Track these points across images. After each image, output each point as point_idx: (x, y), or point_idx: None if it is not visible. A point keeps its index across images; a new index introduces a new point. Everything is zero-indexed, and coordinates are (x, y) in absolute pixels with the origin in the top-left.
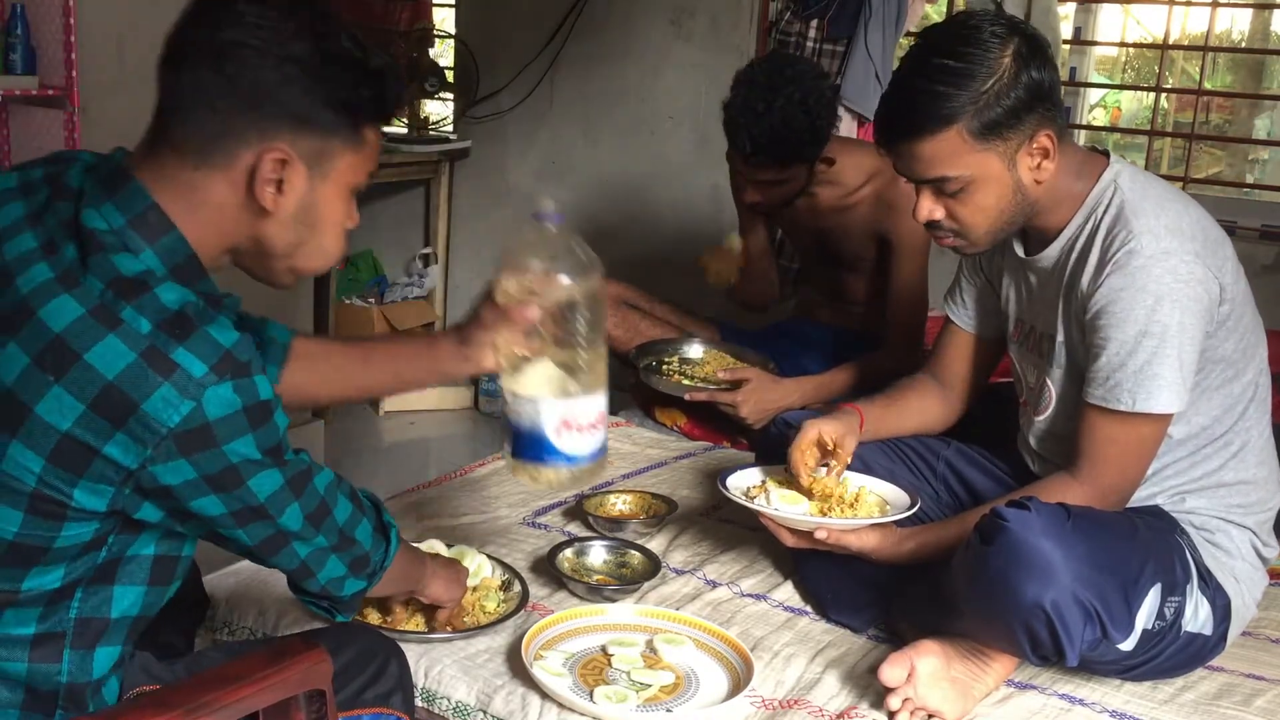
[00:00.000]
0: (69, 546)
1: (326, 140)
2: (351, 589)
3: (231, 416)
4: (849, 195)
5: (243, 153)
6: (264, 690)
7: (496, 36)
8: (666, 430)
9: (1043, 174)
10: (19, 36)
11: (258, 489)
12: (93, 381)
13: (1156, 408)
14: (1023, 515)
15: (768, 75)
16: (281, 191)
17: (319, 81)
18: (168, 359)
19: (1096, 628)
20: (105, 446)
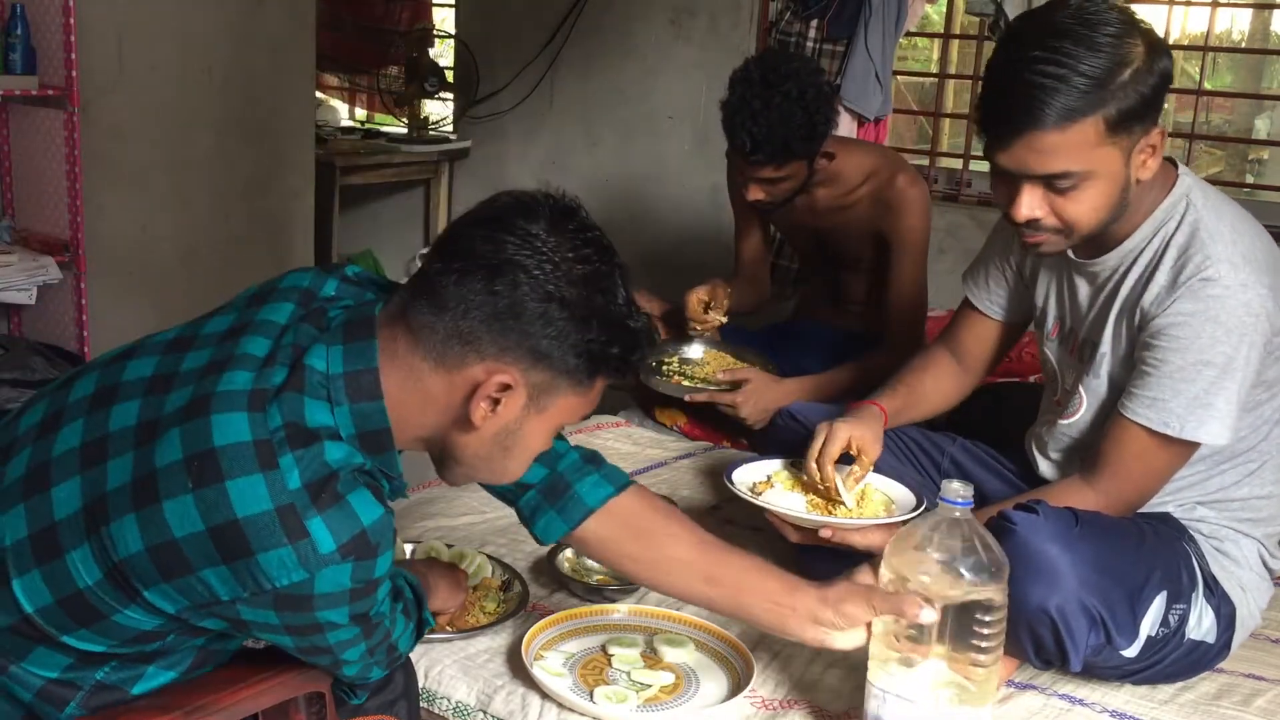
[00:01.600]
0: (126, 627)
1: (557, 379)
2: (377, 675)
3: (337, 594)
4: (847, 195)
5: (474, 364)
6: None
7: (496, 36)
8: (666, 430)
9: (1146, 171)
10: (19, 36)
11: (333, 639)
12: (222, 511)
13: (1205, 437)
14: (1030, 519)
15: (764, 73)
16: (495, 412)
17: (578, 329)
18: (301, 525)
19: (1101, 634)
20: (204, 571)
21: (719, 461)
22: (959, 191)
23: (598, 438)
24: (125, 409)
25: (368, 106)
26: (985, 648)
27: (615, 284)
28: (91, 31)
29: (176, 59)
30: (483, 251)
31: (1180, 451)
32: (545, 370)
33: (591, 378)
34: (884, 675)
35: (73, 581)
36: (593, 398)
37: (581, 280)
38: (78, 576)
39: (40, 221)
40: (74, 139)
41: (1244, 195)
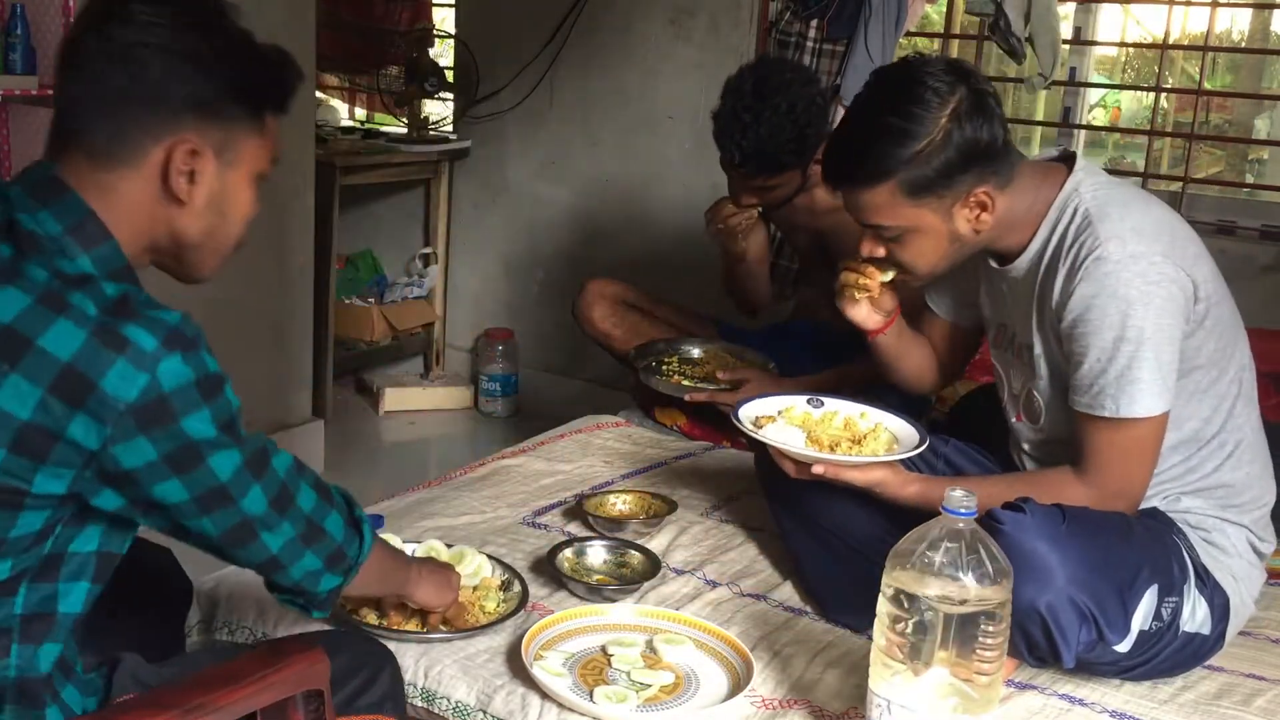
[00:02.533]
0: (21, 538)
1: (230, 129)
2: (327, 585)
3: (185, 389)
4: None
5: (152, 148)
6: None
7: (496, 36)
8: (666, 430)
9: (981, 225)
10: (19, 36)
11: (218, 469)
12: (49, 366)
13: (1139, 411)
14: (1018, 518)
15: (755, 85)
16: (195, 182)
17: (217, 71)
18: (119, 335)
19: (1092, 630)
20: (67, 430)
21: (719, 461)
22: None
23: (598, 438)
24: None
25: (368, 106)
26: (988, 656)
27: (226, 21)
28: None
29: None
30: (95, 46)
31: (1140, 431)
32: (215, 125)
33: (258, 116)
34: (886, 683)
35: None
36: (273, 138)
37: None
38: None
39: None
40: None
41: (1244, 195)
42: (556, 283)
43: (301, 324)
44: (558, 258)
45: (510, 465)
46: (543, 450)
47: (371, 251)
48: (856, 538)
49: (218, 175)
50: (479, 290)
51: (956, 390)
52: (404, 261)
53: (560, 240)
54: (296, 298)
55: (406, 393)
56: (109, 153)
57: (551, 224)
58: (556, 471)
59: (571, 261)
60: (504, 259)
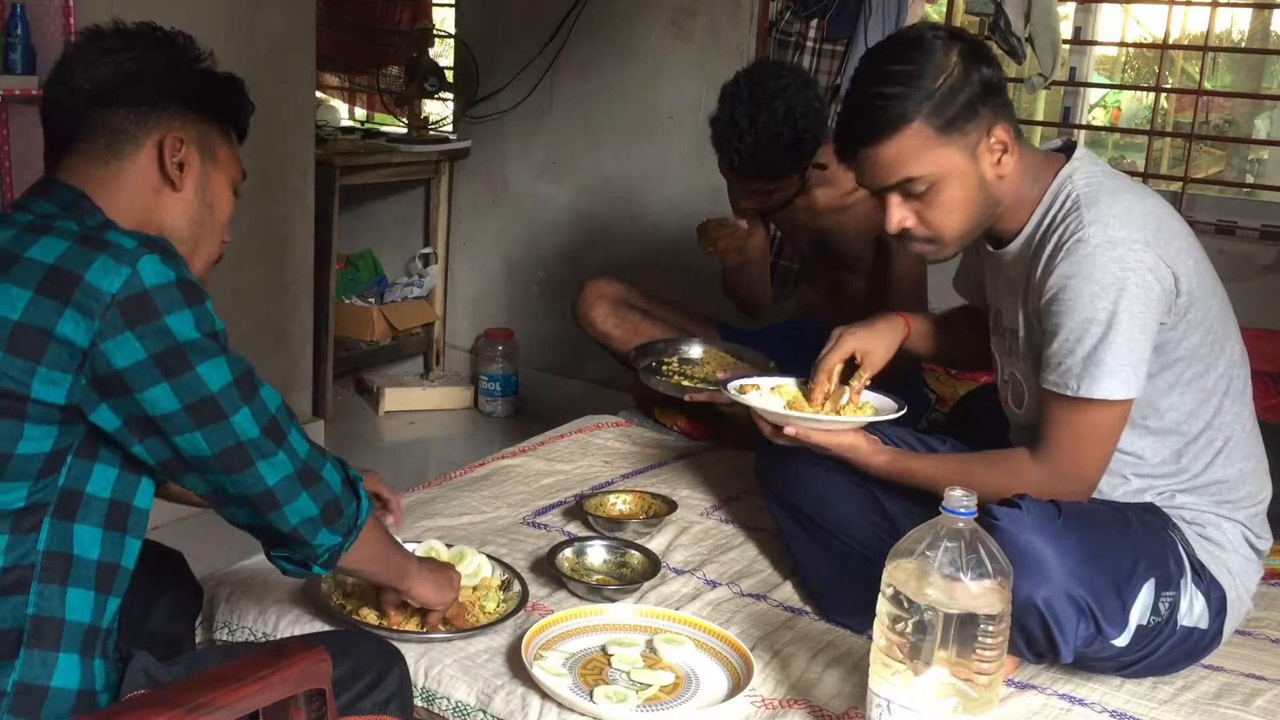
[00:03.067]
0: (31, 455)
1: (207, 130)
2: (326, 540)
3: (166, 287)
4: (846, 195)
5: (146, 140)
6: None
7: (496, 36)
8: (666, 430)
9: (1004, 169)
10: (19, 36)
11: (206, 377)
12: (35, 270)
13: (1099, 393)
14: (1014, 514)
15: (752, 89)
16: (184, 171)
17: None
18: (101, 239)
19: (1090, 624)
20: (57, 325)
21: (719, 461)
22: None
23: (598, 438)
24: None
25: (368, 106)
26: (988, 656)
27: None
28: None
29: None
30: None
31: (1099, 414)
32: (194, 123)
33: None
34: (886, 683)
35: None
36: (237, 154)
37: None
38: None
39: None
40: None
41: (1244, 195)
42: (556, 283)
43: (301, 324)
44: (558, 258)
45: (510, 465)
46: (543, 450)
47: (371, 251)
48: (856, 538)
49: (202, 168)
50: (479, 290)
51: (956, 390)
52: (404, 261)
53: (560, 240)
54: (296, 298)
55: (406, 393)
56: (108, 148)
57: (551, 224)
58: (556, 471)
59: (571, 262)
60: (504, 259)
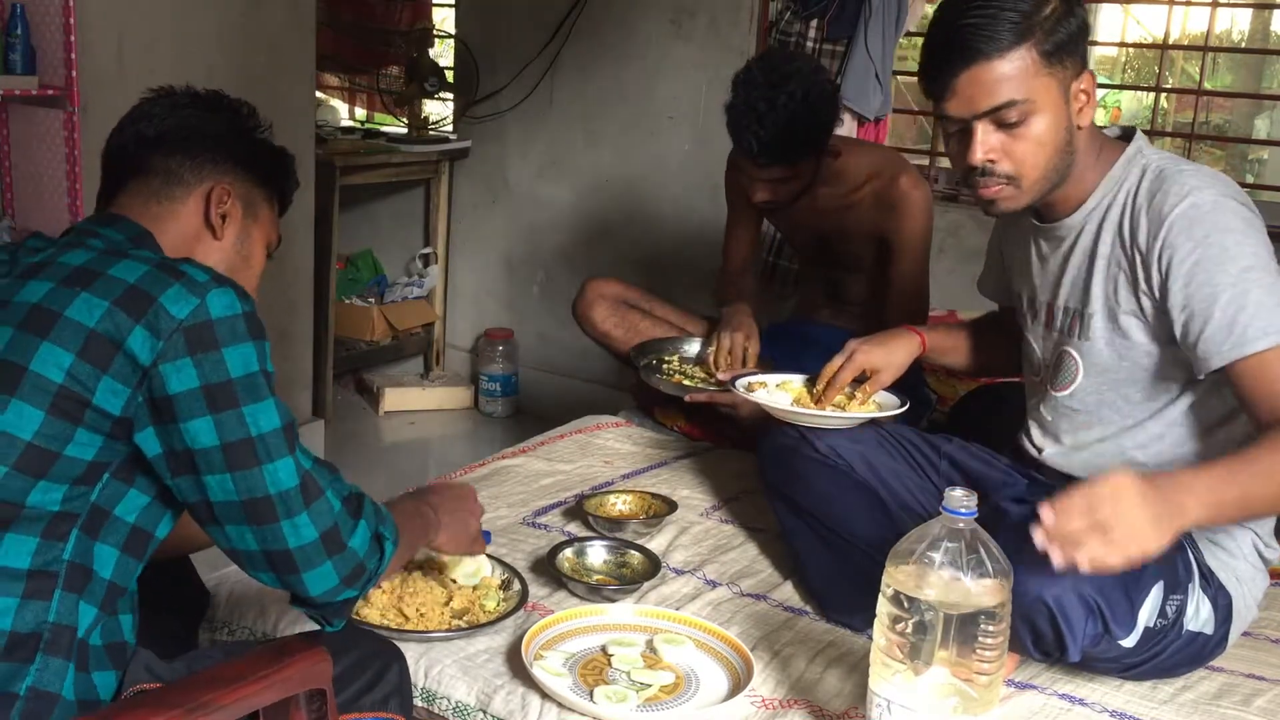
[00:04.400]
0: (74, 460)
1: (253, 190)
2: (345, 595)
3: (231, 319)
4: (849, 194)
5: (197, 187)
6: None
7: (496, 36)
8: (666, 430)
9: (1084, 119)
10: (19, 36)
11: (249, 418)
12: (116, 286)
13: None
14: (1025, 511)
15: (766, 74)
16: (227, 222)
17: (250, 142)
18: (176, 269)
19: (1099, 623)
20: (128, 339)
21: (719, 461)
22: (959, 191)
23: (598, 438)
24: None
25: (368, 106)
26: (988, 656)
27: (256, 117)
28: (91, 31)
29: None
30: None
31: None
32: (243, 181)
33: (270, 189)
34: (886, 683)
35: (16, 440)
36: (276, 219)
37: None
38: (19, 431)
39: (40, 221)
40: (74, 139)
41: None
42: (556, 283)
43: (302, 324)
44: (558, 258)
45: (510, 465)
46: (543, 450)
47: (371, 251)
48: (858, 535)
49: (244, 223)
50: (479, 290)
51: (956, 390)
52: (404, 261)
53: (560, 240)
54: (296, 298)
55: (406, 393)
56: (161, 188)
57: (552, 224)
58: (556, 471)
59: (571, 261)
60: (504, 259)
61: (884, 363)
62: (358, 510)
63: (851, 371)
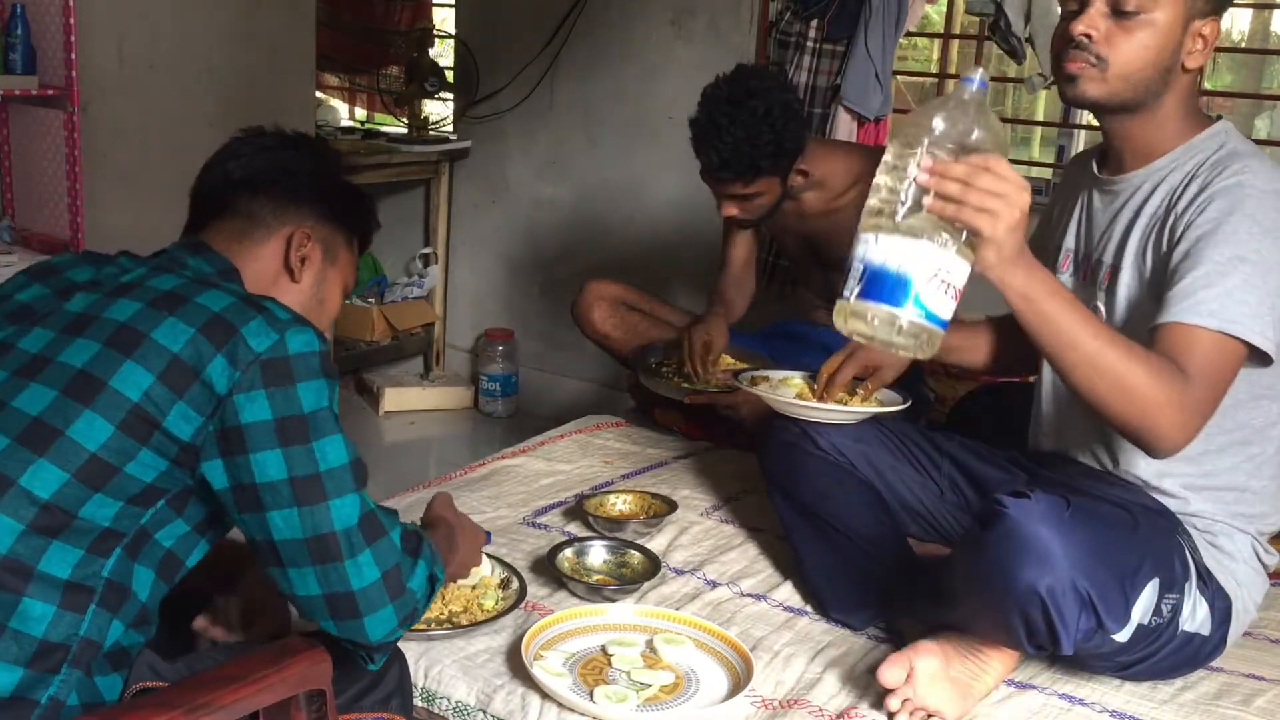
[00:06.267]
0: (134, 479)
1: (334, 235)
2: (394, 636)
3: (307, 356)
4: (836, 198)
5: (279, 230)
6: (264, 690)
7: (496, 36)
8: (666, 431)
9: (1192, 60)
10: (19, 36)
11: (319, 452)
12: (202, 313)
13: (1238, 330)
14: (1022, 503)
15: (731, 90)
16: (306, 265)
17: (334, 187)
18: (259, 304)
19: (1092, 617)
20: (207, 367)
21: (719, 461)
22: None
23: (598, 438)
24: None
25: (368, 106)
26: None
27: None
28: (91, 31)
29: (176, 59)
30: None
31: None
32: (324, 226)
33: (350, 233)
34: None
35: (81, 449)
36: (355, 260)
37: (322, 153)
38: (86, 442)
39: (40, 221)
40: (74, 139)
41: None
42: (556, 283)
43: None
44: (558, 258)
45: (510, 465)
46: (543, 450)
47: (371, 251)
48: (858, 533)
49: (322, 267)
50: (479, 290)
51: (956, 390)
52: (404, 261)
53: (560, 240)
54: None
55: (406, 393)
56: (244, 231)
57: (552, 224)
58: (556, 471)
59: (571, 262)
60: (504, 259)
61: (886, 360)
62: (416, 549)
63: (853, 368)
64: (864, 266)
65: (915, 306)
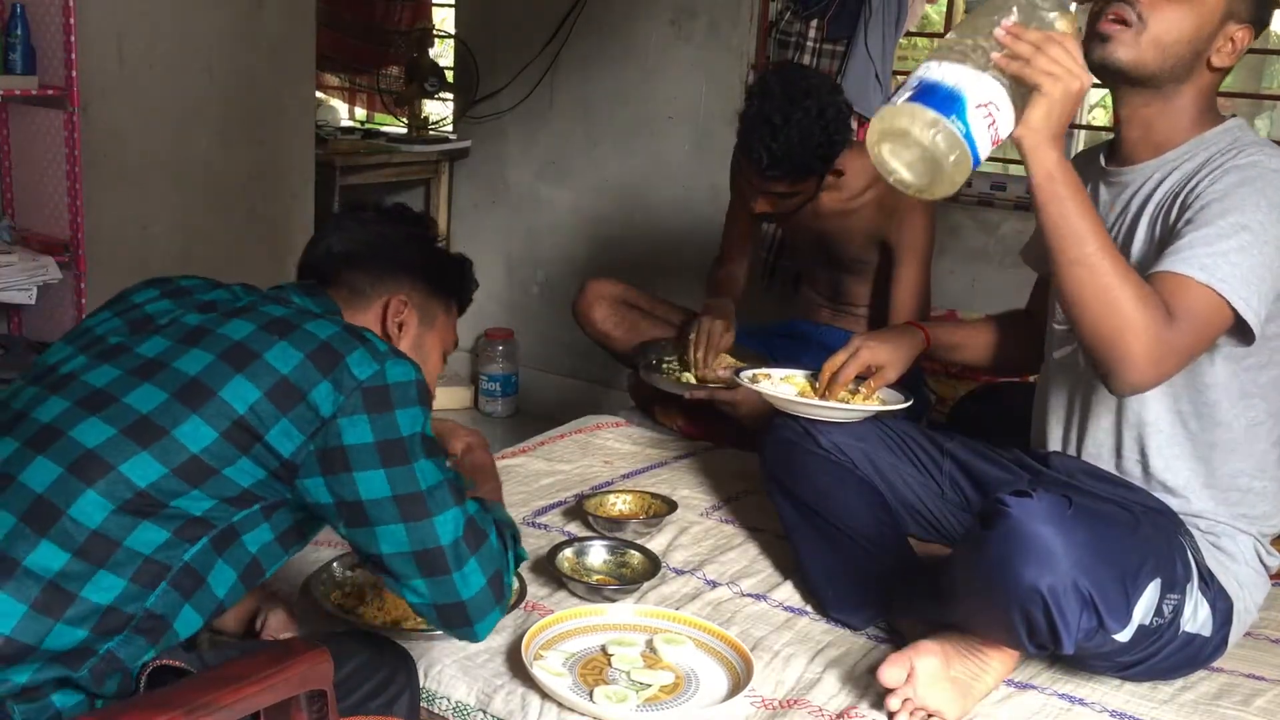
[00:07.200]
0: (231, 482)
1: (430, 300)
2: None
3: (407, 385)
4: (851, 199)
5: (377, 299)
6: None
7: (496, 36)
8: (666, 430)
9: (1218, 59)
10: (19, 36)
11: (420, 473)
12: (310, 340)
13: (1224, 289)
14: (1024, 503)
15: (784, 87)
16: (403, 329)
17: (432, 256)
18: (361, 336)
19: (1093, 616)
20: (312, 391)
21: (719, 461)
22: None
23: (598, 438)
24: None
25: (368, 106)
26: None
27: (434, 230)
28: (91, 31)
29: (176, 59)
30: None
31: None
32: (421, 292)
33: (448, 297)
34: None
35: (184, 449)
36: (455, 323)
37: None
38: (190, 443)
39: (40, 221)
40: (74, 139)
41: None
42: (556, 283)
43: None
44: (558, 258)
45: (510, 465)
46: (543, 450)
47: None
48: (859, 532)
49: (419, 330)
50: (479, 290)
51: (957, 390)
52: None
53: (560, 240)
54: None
55: None
56: (347, 300)
57: (551, 224)
58: (556, 471)
59: (571, 261)
60: (504, 259)
61: (888, 359)
62: (506, 540)
63: (856, 367)
64: (919, 81)
65: (960, 121)
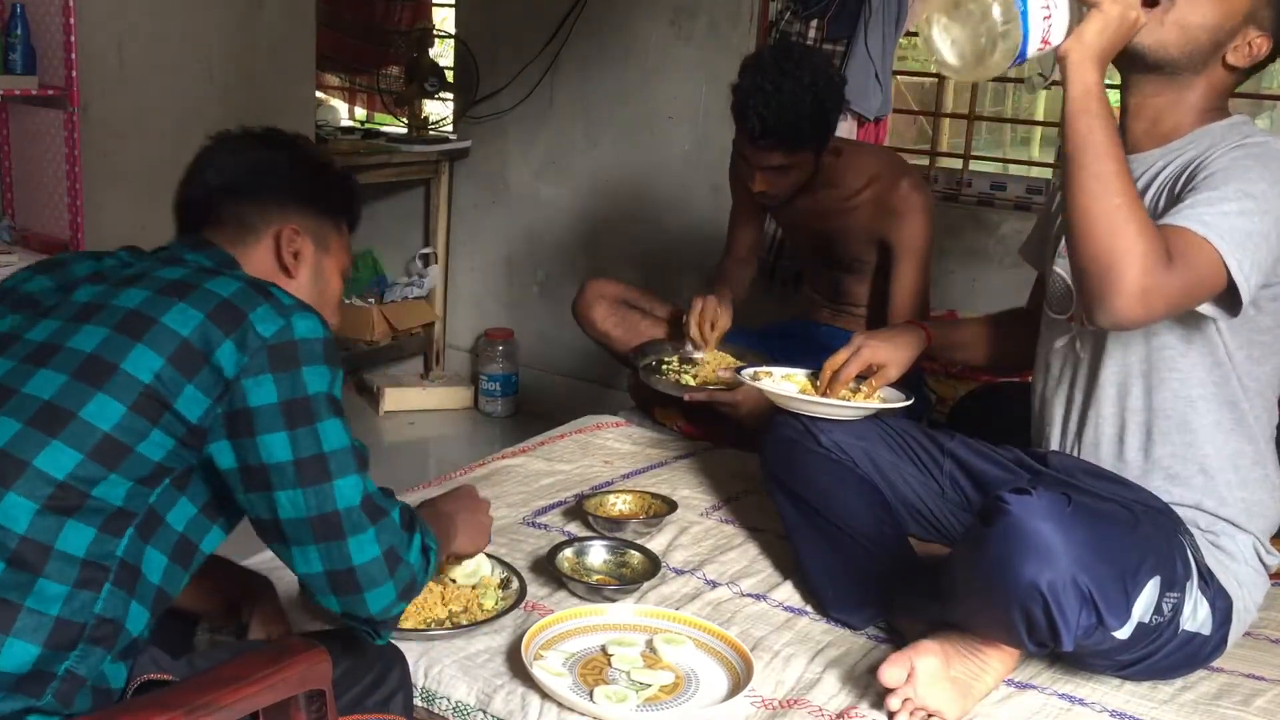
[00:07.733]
0: (144, 459)
1: (321, 223)
2: (396, 611)
3: (313, 341)
4: (851, 197)
5: (266, 231)
6: (264, 690)
7: (496, 36)
8: (666, 430)
9: (1234, 58)
10: (19, 36)
11: (323, 434)
12: (211, 299)
13: (1221, 246)
14: (1024, 499)
15: (776, 59)
16: (299, 259)
17: (310, 176)
18: (266, 290)
19: (1092, 613)
20: (216, 352)
21: (719, 461)
22: (959, 191)
23: (598, 438)
24: None
25: (368, 106)
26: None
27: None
28: (91, 31)
29: (176, 59)
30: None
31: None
32: (310, 217)
33: (336, 216)
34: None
35: (95, 429)
36: (348, 241)
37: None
38: (99, 422)
39: (40, 221)
40: (74, 139)
41: None
42: (556, 283)
43: None
44: (558, 258)
45: (510, 465)
46: (543, 450)
47: (372, 251)
48: (859, 531)
49: (316, 257)
50: (479, 290)
51: (957, 390)
52: (404, 261)
53: (560, 240)
54: None
55: (406, 393)
56: (235, 235)
57: (551, 224)
58: (556, 471)
59: (571, 261)
60: (504, 259)
61: (890, 358)
62: (411, 524)
63: (858, 365)
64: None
65: (1019, 2)
